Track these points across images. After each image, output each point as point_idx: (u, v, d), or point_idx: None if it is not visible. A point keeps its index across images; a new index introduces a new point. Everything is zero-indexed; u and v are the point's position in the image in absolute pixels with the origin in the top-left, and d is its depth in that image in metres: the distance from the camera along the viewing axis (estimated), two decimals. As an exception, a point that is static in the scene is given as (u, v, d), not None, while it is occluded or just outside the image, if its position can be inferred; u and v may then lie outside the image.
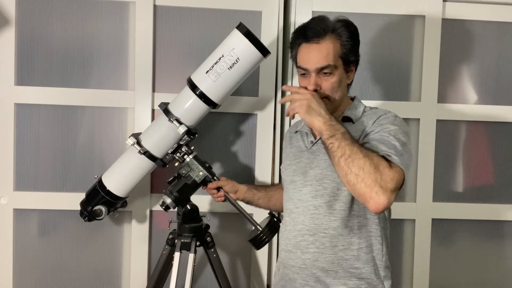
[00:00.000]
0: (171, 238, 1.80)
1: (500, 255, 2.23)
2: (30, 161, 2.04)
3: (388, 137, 1.40)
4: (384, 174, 1.29)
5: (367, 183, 1.28)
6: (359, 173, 1.29)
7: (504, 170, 2.18)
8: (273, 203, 1.84)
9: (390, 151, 1.36)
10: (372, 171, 1.28)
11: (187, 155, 1.75)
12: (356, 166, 1.29)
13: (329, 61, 1.46)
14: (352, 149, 1.32)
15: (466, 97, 2.16)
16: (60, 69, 2.03)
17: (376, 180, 1.28)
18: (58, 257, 2.09)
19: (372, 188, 1.28)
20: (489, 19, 2.12)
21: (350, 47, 1.49)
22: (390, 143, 1.38)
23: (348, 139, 1.34)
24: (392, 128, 1.43)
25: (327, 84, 1.48)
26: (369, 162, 1.29)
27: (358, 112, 1.55)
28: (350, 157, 1.31)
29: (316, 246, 1.49)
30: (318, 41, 1.47)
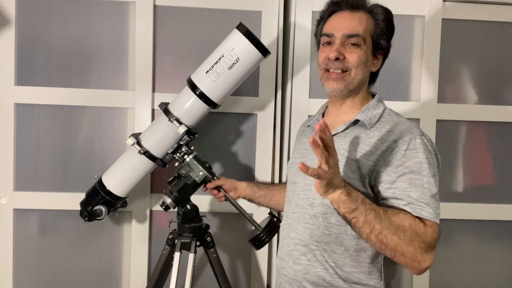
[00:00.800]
0: (171, 238, 1.80)
1: (500, 255, 2.23)
2: (30, 161, 2.04)
3: (419, 179, 1.24)
4: (422, 242, 1.19)
5: (407, 256, 1.19)
6: (396, 248, 1.19)
7: (504, 170, 2.18)
8: (274, 203, 1.82)
9: (422, 211, 1.22)
10: (410, 245, 1.18)
11: (187, 155, 1.75)
12: (391, 242, 1.18)
13: (360, 31, 1.34)
14: (381, 223, 1.18)
15: (466, 97, 2.16)
16: (60, 69, 2.03)
17: (416, 251, 1.19)
18: (58, 257, 2.09)
19: (414, 260, 1.20)
20: (489, 19, 2.12)
21: (384, 29, 1.38)
22: (423, 191, 1.24)
23: (371, 210, 1.18)
24: (424, 161, 1.25)
25: (353, 56, 1.34)
26: (404, 236, 1.18)
27: (374, 115, 1.37)
28: (381, 233, 1.18)
29: (307, 258, 1.38)
30: (352, 10, 1.36)
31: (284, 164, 2.08)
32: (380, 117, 1.37)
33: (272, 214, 1.66)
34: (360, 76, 1.37)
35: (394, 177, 1.27)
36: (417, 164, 1.26)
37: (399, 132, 1.31)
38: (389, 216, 1.20)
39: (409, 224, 1.20)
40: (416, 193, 1.24)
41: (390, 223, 1.19)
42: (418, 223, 1.21)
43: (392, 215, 1.21)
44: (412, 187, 1.24)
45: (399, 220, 1.20)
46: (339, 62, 1.35)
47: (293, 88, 2.07)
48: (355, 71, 1.36)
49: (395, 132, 1.31)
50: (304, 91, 2.06)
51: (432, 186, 1.25)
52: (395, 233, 1.18)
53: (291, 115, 2.07)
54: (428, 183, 1.25)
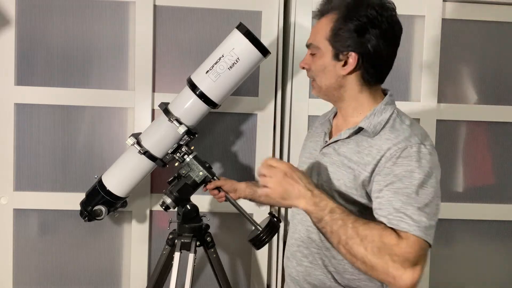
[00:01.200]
0: (171, 238, 1.80)
1: (500, 255, 2.23)
2: (30, 161, 2.04)
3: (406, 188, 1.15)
4: (394, 255, 1.09)
5: (379, 270, 1.10)
6: (365, 260, 1.11)
7: (504, 170, 2.18)
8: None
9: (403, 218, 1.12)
10: (378, 257, 1.09)
11: (187, 155, 1.75)
12: (359, 253, 1.11)
13: (313, 40, 1.32)
14: (346, 233, 1.12)
15: (466, 97, 2.16)
16: (60, 69, 2.03)
17: (387, 265, 1.08)
18: (58, 257, 2.09)
19: (388, 275, 1.09)
20: (489, 19, 2.12)
21: (340, 30, 1.25)
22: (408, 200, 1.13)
23: (338, 220, 1.13)
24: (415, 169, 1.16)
25: (312, 66, 1.34)
26: (371, 246, 1.09)
27: (380, 121, 1.27)
28: (347, 244, 1.12)
29: (309, 260, 1.37)
30: (319, 18, 1.33)
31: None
32: (386, 123, 1.27)
33: (272, 214, 1.66)
34: (324, 82, 1.32)
35: (382, 186, 1.19)
36: (407, 173, 1.16)
37: (396, 140, 1.22)
38: (357, 226, 1.12)
39: (378, 234, 1.11)
40: (398, 203, 1.14)
41: (356, 233, 1.11)
42: (389, 234, 1.11)
43: (362, 224, 1.13)
44: (397, 197, 1.15)
45: (368, 231, 1.12)
46: (307, 72, 1.39)
47: (293, 88, 2.07)
48: (318, 79, 1.34)
49: (392, 140, 1.22)
50: (304, 91, 2.06)
51: (422, 196, 1.14)
52: (360, 243, 1.11)
53: (291, 115, 2.07)
54: (415, 193, 1.14)
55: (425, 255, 1.12)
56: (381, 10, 1.25)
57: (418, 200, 1.14)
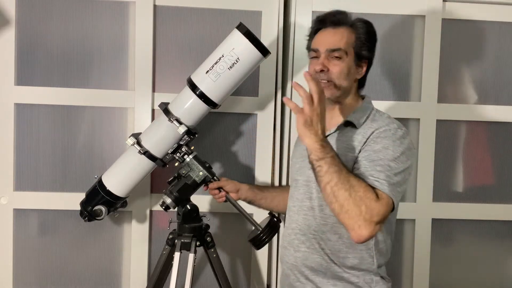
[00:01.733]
0: (171, 238, 1.80)
1: (500, 255, 2.23)
2: (30, 161, 2.04)
3: (382, 159, 1.36)
4: (369, 208, 1.26)
5: (350, 215, 1.26)
6: (343, 204, 1.27)
7: (504, 170, 2.18)
8: (275, 204, 1.84)
9: (380, 179, 1.32)
10: (356, 204, 1.26)
11: (187, 155, 1.75)
12: (341, 196, 1.27)
13: (341, 45, 1.49)
14: (339, 176, 1.28)
15: (466, 97, 2.16)
16: (60, 69, 2.03)
17: (360, 213, 1.26)
18: (58, 257, 2.09)
19: (355, 222, 1.26)
20: (489, 19, 2.12)
21: (364, 41, 1.52)
22: (383, 168, 1.34)
23: (336, 165, 1.29)
24: (390, 146, 1.38)
25: (336, 68, 1.49)
26: (354, 194, 1.26)
27: (362, 116, 1.51)
28: (336, 185, 1.28)
29: (306, 246, 1.51)
30: (334, 27, 1.52)
31: (284, 164, 2.08)
32: (368, 117, 1.51)
33: (272, 214, 1.67)
34: (344, 84, 1.51)
35: (361, 158, 1.40)
36: (383, 149, 1.38)
37: (377, 125, 1.45)
38: (350, 176, 1.30)
39: (364, 187, 1.28)
40: (374, 171, 1.34)
41: (347, 180, 1.28)
42: (372, 191, 1.29)
43: (354, 177, 1.31)
44: (372, 166, 1.35)
45: (356, 182, 1.29)
46: (324, 74, 1.49)
47: (293, 88, 2.06)
48: (338, 81, 1.49)
49: (374, 126, 1.46)
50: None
51: (393, 167, 1.35)
52: (348, 189, 1.27)
53: (291, 115, 2.07)
54: (388, 165, 1.35)
55: (388, 215, 1.32)
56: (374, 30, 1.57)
57: (390, 170, 1.34)
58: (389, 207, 1.30)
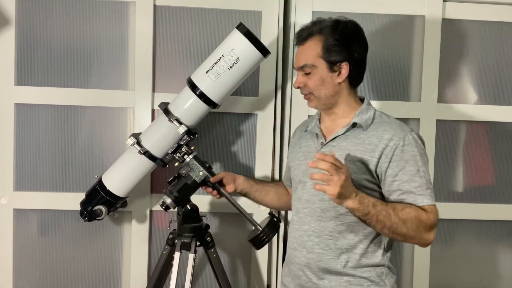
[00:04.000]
0: (171, 238, 1.80)
1: (500, 255, 2.23)
2: (30, 161, 2.04)
3: (417, 179, 1.46)
4: (427, 226, 1.43)
5: (416, 240, 1.46)
6: (406, 235, 1.43)
7: (504, 170, 2.18)
8: (269, 198, 1.85)
9: (423, 199, 1.45)
10: (416, 231, 1.42)
11: (187, 155, 1.75)
12: (401, 232, 1.42)
13: (307, 61, 1.53)
14: (390, 219, 1.40)
15: (466, 97, 2.16)
16: (60, 69, 2.03)
17: (422, 234, 1.44)
18: (58, 257, 2.09)
19: (420, 239, 1.46)
20: (489, 19, 2.12)
21: (331, 46, 1.51)
22: (420, 180, 1.46)
23: (382, 211, 1.39)
24: (419, 162, 1.47)
25: (310, 82, 1.55)
26: (410, 226, 1.41)
27: (368, 117, 1.55)
28: (391, 227, 1.41)
29: (321, 247, 1.54)
30: (302, 43, 1.56)
31: (284, 164, 2.08)
32: (373, 119, 1.56)
33: (272, 214, 1.67)
34: (323, 93, 1.55)
35: (396, 171, 1.47)
36: (413, 158, 1.48)
37: (393, 130, 1.51)
38: (397, 213, 1.41)
39: (414, 216, 1.42)
40: (415, 183, 1.46)
41: (398, 218, 1.41)
42: (421, 212, 1.43)
43: (400, 210, 1.42)
44: (411, 178, 1.46)
45: (406, 214, 1.42)
46: (302, 89, 1.58)
47: (293, 88, 2.07)
48: (316, 92, 1.55)
49: (390, 131, 1.51)
50: (304, 91, 2.06)
51: (426, 173, 1.49)
52: (403, 225, 1.41)
53: (291, 115, 2.07)
54: (423, 172, 1.48)
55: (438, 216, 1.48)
56: (354, 24, 1.56)
57: (426, 177, 1.48)
58: (436, 211, 1.46)
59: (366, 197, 1.39)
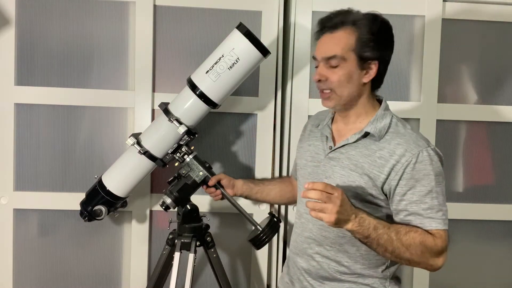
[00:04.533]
0: (171, 238, 1.80)
1: (500, 255, 2.23)
2: (30, 161, 2.04)
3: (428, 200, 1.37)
4: (433, 252, 1.35)
5: (421, 264, 1.37)
6: (410, 260, 1.35)
7: (504, 170, 2.18)
8: (271, 198, 1.83)
9: (432, 223, 1.37)
10: (421, 256, 1.34)
11: (187, 155, 1.75)
12: (403, 258, 1.34)
13: (337, 52, 1.38)
14: (392, 244, 1.32)
15: (466, 97, 2.16)
16: (60, 69, 2.03)
17: (428, 260, 1.36)
18: (58, 257, 2.09)
19: (426, 265, 1.38)
20: (489, 19, 2.12)
21: (367, 41, 1.37)
22: (432, 201, 1.37)
23: (383, 235, 1.31)
24: (432, 182, 1.36)
25: (334, 77, 1.40)
26: (414, 250, 1.33)
27: (383, 126, 1.42)
28: (394, 252, 1.33)
29: (321, 255, 1.49)
30: (331, 31, 1.41)
31: (284, 164, 2.08)
32: (389, 128, 1.43)
33: (272, 214, 1.66)
34: (347, 92, 1.41)
35: (405, 190, 1.37)
36: (425, 177, 1.36)
37: (406, 145, 1.38)
38: (400, 238, 1.33)
39: (419, 241, 1.33)
40: (424, 205, 1.36)
41: (401, 243, 1.32)
42: (427, 237, 1.35)
43: (404, 234, 1.33)
44: (421, 199, 1.36)
45: (410, 239, 1.33)
46: (323, 83, 1.43)
47: (293, 88, 2.07)
48: (339, 89, 1.41)
49: (403, 145, 1.38)
50: (304, 91, 2.06)
51: (439, 195, 1.38)
52: (406, 251, 1.33)
53: (291, 115, 2.07)
54: (436, 193, 1.37)
55: (448, 240, 1.39)
56: (389, 25, 1.44)
57: (438, 198, 1.37)
58: (446, 236, 1.39)
59: (367, 218, 1.30)
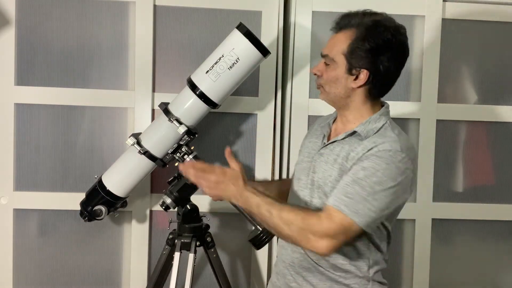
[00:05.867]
0: (171, 238, 1.80)
1: (500, 255, 2.23)
2: (30, 161, 2.04)
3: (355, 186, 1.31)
4: (315, 231, 1.30)
5: (301, 243, 1.35)
6: (291, 238, 1.35)
7: (504, 170, 2.18)
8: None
9: (330, 200, 1.34)
10: (300, 234, 1.32)
11: (187, 155, 1.75)
12: (284, 235, 1.35)
13: (329, 52, 1.42)
14: (273, 221, 1.34)
15: (466, 97, 2.16)
16: (60, 69, 2.03)
17: (309, 241, 1.31)
18: (58, 257, 2.09)
19: (306, 245, 1.34)
20: (489, 19, 2.12)
21: (357, 49, 1.37)
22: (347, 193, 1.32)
23: (265, 213, 1.34)
24: (374, 177, 1.31)
25: (325, 75, 1.45)
26: (294, 228, 1.32)
27: (373, 128, 1.42)
28: (275, 228, 1.35)
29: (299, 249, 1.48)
30: (336, 31, 1.45)
31: (284, 164, 2.08)
32: (378, 131, 1.42)
33: (272, 214, 1.66)
34: (333, 91, 1.44)
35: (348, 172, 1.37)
36: (372, 169, 1.32)
37: (380, 141, 1.36)
38: (282, 215, 1.33)
39: (301, 217, 1.32)
40: (346, 188, 1.32)
41: (282, 220, 1.32)
42: (312, 216, 1.33)
43: (287, 212, 1.34)
44: (350, 183, 1.33)
45: (292, 216, 1.33)
46: (317, 78, 1.48)
47: (293, 88, 2.07)
48: (326, 86, 1.46)
49: (377, 142, 1.37)
50: (304, 91, 2.06)
51: (371, 191, 1.30)
52: (287, 227, 1.33)
53: (291, 115, 2.07)
54: (369, 187, 1.30)
55: (348, 232, 1.32)
56: (395, 34, 1.38)
57: (365, 191, 1.30)
58: (342, 222, 1.30)
59: (253, 197, 1.36)
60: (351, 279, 1.44)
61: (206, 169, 1.40)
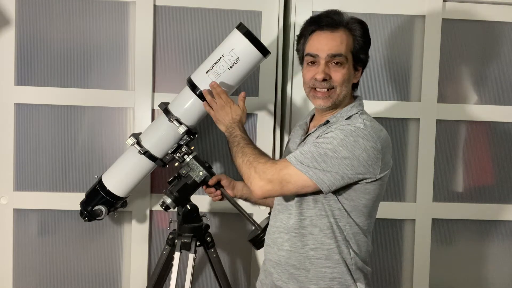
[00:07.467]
0: (171, 238, 1.80)
1: (500, 255, 2.23)
2: (30, 161, 2.04)
3: (310, 146, 1.40)
4: (259, 169, 1.42)
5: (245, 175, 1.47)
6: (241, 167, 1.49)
7: (504, 170, 2.18)
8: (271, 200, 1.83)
9: (289, 157, 1.42)
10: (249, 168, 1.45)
11: (187, 155, 1.75)
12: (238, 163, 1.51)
13: (342, 51, 1.43)
14: (237, 150, 1.52)
15: (466, 97, 2.16)
16: (60, 69, 2.03)
17: (253, 177, 1.43)
18: (58, 257, 2.09)
19: (247, 179, 1.46)
20: (488, 19, 2.12)
21: (362, 44, 1.47)
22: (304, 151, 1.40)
23: (238, 145, 1.52)
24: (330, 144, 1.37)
25: (338, 75, 1.44)
26: (246, 159, 1.47)
27: (342, 116, 1.47)
28: (236, 157, 1.52)
29: (289, 244, 1.49)
30: (332, 30, 1.45)
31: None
32: (347, 119, 1.46)
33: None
34: (345, 91, 1.47)
35: None
36: (331, 138, 1.38)
37: (347, 122, 1.42)
38: (245, 148, 1.51)
39: (256, 155, 1.48)
40: (304, 147, 1.41)
41: (242, 152, 1.50)
42: (263, 157, 1.48)
43: (251, 149, 1.51)
44: (308, 145, 1.41)
45: (250, 151, 1.49)
46: (325, 82, 1.45)
47: (293, 88, 2.07)
48: (340, 88, 1.46)
49: (345, 123, 1.42)
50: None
51: (326, 153, 1.36)
52: (241, 157, 1.50)
53: (291, 115, 2.07)
54: (322, 149, 1.37)
55: (289, 179, 1.39)
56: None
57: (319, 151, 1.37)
58: (286, 169, 1.39)
59: (239, 135, 1.55)
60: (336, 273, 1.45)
61: (222, 95, 1.60)
